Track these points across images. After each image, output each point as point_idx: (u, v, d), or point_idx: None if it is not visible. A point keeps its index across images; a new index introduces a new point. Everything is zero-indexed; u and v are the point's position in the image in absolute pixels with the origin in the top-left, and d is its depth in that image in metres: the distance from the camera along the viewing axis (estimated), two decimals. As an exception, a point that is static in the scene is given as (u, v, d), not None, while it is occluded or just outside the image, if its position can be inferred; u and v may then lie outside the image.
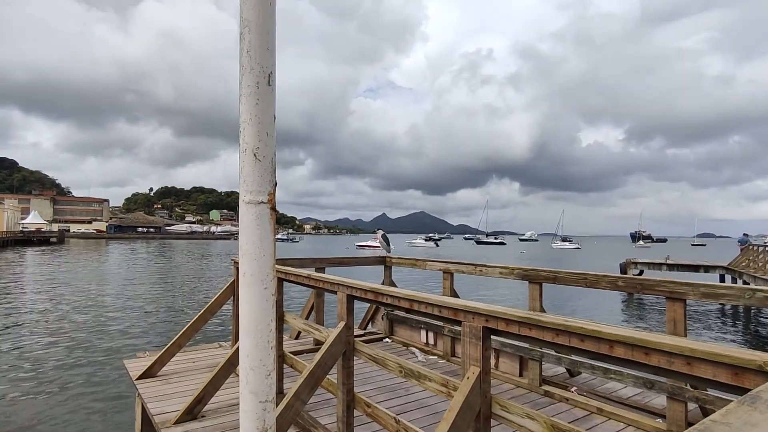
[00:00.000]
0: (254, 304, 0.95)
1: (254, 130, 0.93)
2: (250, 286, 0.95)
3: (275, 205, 0.94)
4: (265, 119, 0.94)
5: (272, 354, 0.94)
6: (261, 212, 0.94)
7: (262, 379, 0.91)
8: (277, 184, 0.94)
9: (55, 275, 26.74)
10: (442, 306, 2.45)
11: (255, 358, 0.94)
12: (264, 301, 0.95)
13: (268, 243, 0.96)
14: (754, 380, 1.32)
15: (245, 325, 0.94)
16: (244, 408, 0.92)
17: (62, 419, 6.97)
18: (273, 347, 0.94)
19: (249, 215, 0.95)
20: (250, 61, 0.92)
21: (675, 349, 1.50)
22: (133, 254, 49.72)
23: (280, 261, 5.82)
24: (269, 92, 0.94)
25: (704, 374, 1.44)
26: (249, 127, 0.93)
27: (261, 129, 0.93)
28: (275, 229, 0.95)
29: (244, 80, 0.93)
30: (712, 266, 22.40)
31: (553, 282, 4.47)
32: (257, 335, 0.92)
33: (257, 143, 0.93)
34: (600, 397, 4.32)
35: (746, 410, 0.89)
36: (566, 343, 1.86)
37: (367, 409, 3.13)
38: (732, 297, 3.28)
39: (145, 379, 4.85)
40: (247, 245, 0.96)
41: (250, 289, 0.95)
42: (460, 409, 2.14)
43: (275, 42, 0.92)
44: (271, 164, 0.94)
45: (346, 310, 3.30)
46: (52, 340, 11.79)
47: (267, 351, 0.93)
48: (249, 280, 0.95)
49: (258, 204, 0.94)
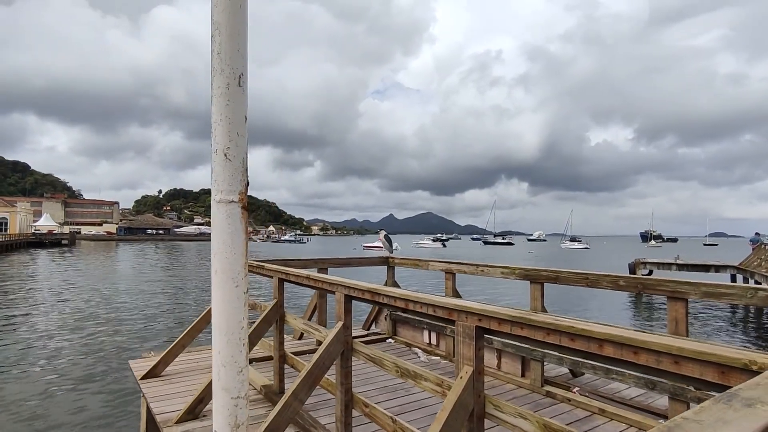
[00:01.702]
0: (226, 302, 0.96)
1: (225, 130, 0.94)
2: (221, 284, 0.96)
3: (246, 205, 0.96)
4: (236, 119, 0.95)
5: (244, 351, 0.95)
6: (232, 211, 0.96)
7: (234, 376, 0.93)
8: (249, 183, 0.96)
9: (67, 277, 27.11)
10: (437, 306, 2.45)
11: (227, 354, 0.95)
12: (235, 299, 0.96)
13: (240, 241, 0.97)
14: (740, 378, 1.31)
15: (217, 323, 0.96)
16: (216, 404, 0.94)
17: (69, 418, 7.07)
18: (245, 344, 0.95)
19: (220, 214, 0.96)
20: (221, 62, 0.93)
21: (663, 347, 1.49)
22: (142, 256, 50.27)
23: (282, 262, 5.86)
24: (240, 93, 0.95)
25: (691, 373, 1.43)
26: (220, 128, 0.95)
27: (232, 129, 0.95)
28: (247, 228, 0.97)
29: (215, 81, 0.94)
30: (722, 266, 22.09)
31: (554, 282, 4.44)
32: (229, 332, 0.93)
33: (228, 143, 0.95)
34: (602, 398, 4.28)
35: (721, 408, 0.88)
36: (557, 342, 1.85)
37: (365, 409, 3.14)
38: (734, 296, 3.24)
39: (149, 378, 4.90)
40: (219, 244, 0.97)
41: (222, 287, 0.96)
42: (452, 409, 2.14)
43: (246, 44, 0.93)
44: (242, 164, 0.96)
45: (344, 310, 3.32)
46: (63, 339, 11.96)
47: (239, 348, 0.94)
48: (221, 278, 0.96)
49: (229, 203, 0.96)
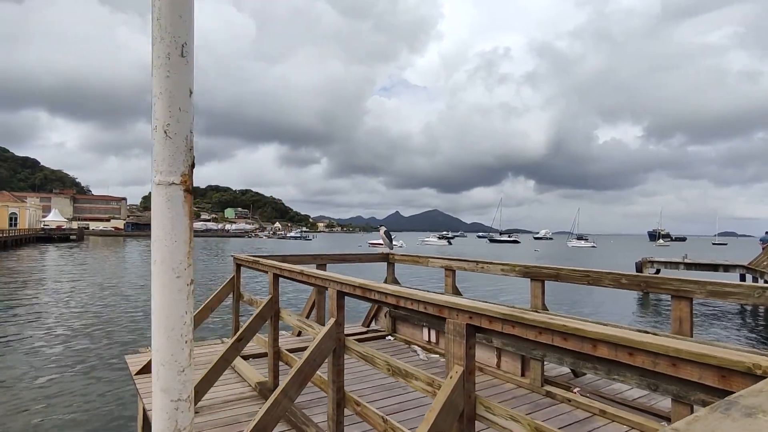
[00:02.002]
0: (166, 296, 0.87)
1: (165, 105, 0.85)
2: (161, 275, 0.88)
3: (191, 187, 0.86)
4: (178, 93, 0.86)
5: (186, 349, 0.86)
6: (173, 194, 0.87)
7: (174, 376, 0.84)
8: (194, 164, 0.86)
9: (75, 271, 27.34)
10: (427, 302, 2.36)
11: (166, 353, 0.87)
12: (176, 292, 0.88)
13: (182, 228, 0.88)
14: (742, 383, 1.21)
15: (156, 318, 0.87)
16: (156, 406, 0.85)
17: (68, 415, 7.08)
18: (188, 341, 0.86)
19: (160, 198, 0.87)
20: (161, 30, 0.84)
21: (660, 349, 1.39)
22: (149, 251, 50.57)
23: (281, 258, 5.79)
24: (183, 64, 0.86)
25: (690, 376, 1.33)
26: (159, 102, 0.86)
27: (173, 104, 0.86)
28: (192, 214, 0.88)
29: (155, 51, 0.85)
30: (731, 265, 21.74)
31: (555, 279, 4.34)
32: (169, 328, 0.85)
33: (168, 119, 0.86)
34: (604, 399, 4.17)
35: (717, 417, 0.78)
36: (549, 341, 1.75)
37: (357, 408, 3.06)
38: (740, 296, 3.12)
39: (145, 374, 4.86)
40: (158, 231, 0.88)
41: (162, 279, 0.88)
42: (441, 409, 2.06)
43: (192, 10, 0.84)
44: (186, 142, 0.88)
45: (336, 306, 3.24)
46: (67, 333, 12.02)
47: (180, 346, 0.86)
48: (160, 269, 0.88)
49: (169, 185, 0.87)
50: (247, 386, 4.58)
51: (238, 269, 5.39)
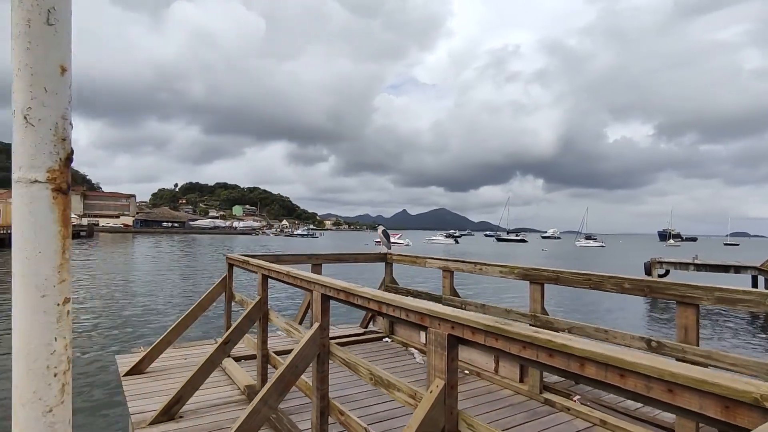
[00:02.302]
0: (27, 318, 0.68)
1: (25, 85, 0.67)
2: (22, 293, 0.68)
3: (66, 186, 0.68)
4: (42, 70, 0.68)
5: (56, 384, 0.68)
6: (36, 195, 0.68)
7: (38, 418, 0.66)
8: (71, 159, 0.69)
9: (86, 267, 27.56)
10: (409, 310, 2.20)
11: (27, 389, 0.66)
12: (41, 314, 0.68)
13: (49, 236, 0.69)
14: (749, 417, 1.04)
15: (17, 346, 0.69)
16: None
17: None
18: (58, 374, 0.66)
19: (21, 198, 0.68)
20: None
21: (653, 372, 1.22)
22: (157, 248, 50.95)
23: (273, 257, 5.66)
24: (50, 34, 0.68)
25: (689, 405, 1.16)
26: (18, 80, 0.68)
27: (35, 83, 0.67)
28: (67, 219, 0.69)
29: (14, 16, 0.67)
30: (743, 267, 21.23)
31: (555, 282, 4.16)
32: (30, 359, 0.66)
33: (29, 102, 0.67)
34: (605, 408, 3.99)
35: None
36: (534, 357, 1.59)
37: (341, 417, 2.92)
38: (751, 303, 2.92)
39: (133, 375, 4.76)
40: (19, 239, 0.68)
41: (23, 297, 0.68)
42: (419, 426, 1.90)
43: (63, -29, 0.67)
44: (55, 132, 0.69)
45: (321, 310, 3.09)
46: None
47: (46, 381, 0.67)
48: (20, 286, 0.68)
49: (31, 183, 0.68)
50: (236, 389, 4.46)
51: (231, 269, 5.27)
